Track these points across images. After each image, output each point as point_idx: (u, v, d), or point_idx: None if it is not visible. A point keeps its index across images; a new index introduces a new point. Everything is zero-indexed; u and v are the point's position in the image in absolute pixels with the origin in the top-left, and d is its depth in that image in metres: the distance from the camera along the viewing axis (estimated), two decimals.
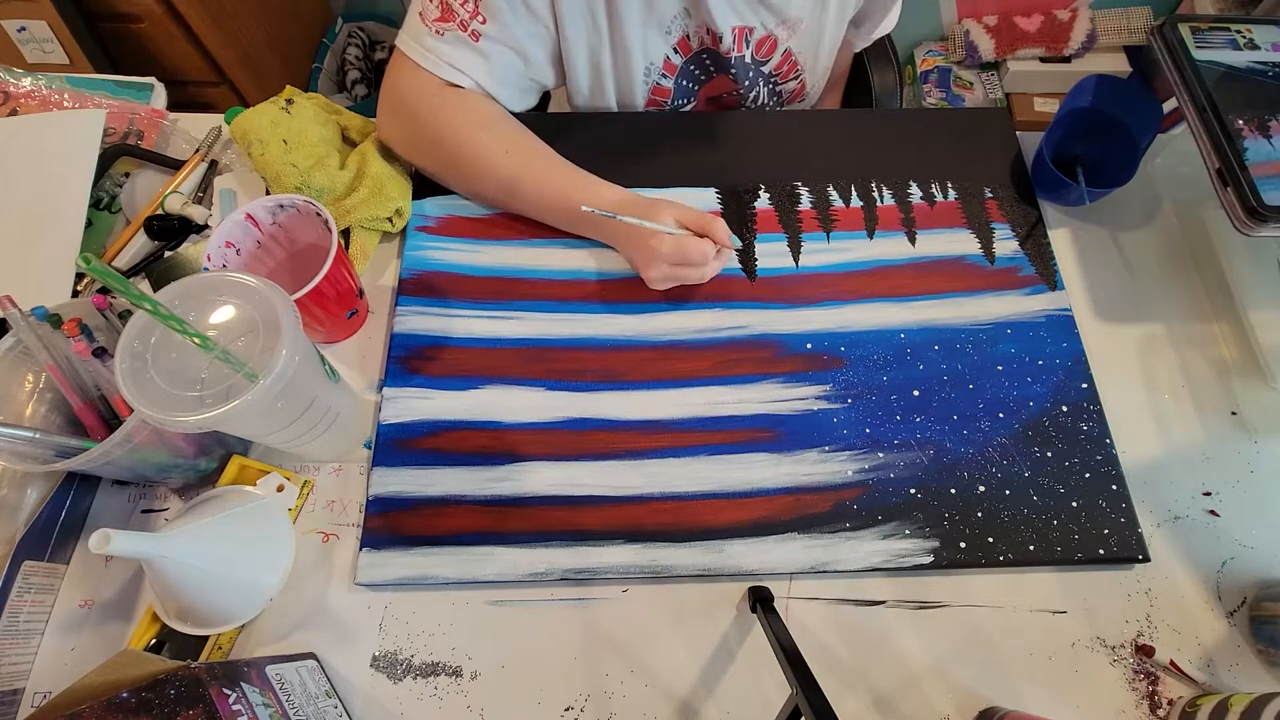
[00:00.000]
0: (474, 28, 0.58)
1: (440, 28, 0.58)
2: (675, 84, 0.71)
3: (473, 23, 0.57)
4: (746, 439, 0.54)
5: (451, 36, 0.58)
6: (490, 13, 0.57)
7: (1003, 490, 0.53)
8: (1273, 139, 0.53)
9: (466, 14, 0.57)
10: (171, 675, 0.36)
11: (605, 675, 0.48)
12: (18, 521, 0.46)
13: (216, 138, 0.68)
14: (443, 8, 0.57)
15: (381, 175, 0.61)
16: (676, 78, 0.70)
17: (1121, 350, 0.60)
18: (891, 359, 0.58)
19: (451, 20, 0.57)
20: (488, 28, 0.58)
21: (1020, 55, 1.51)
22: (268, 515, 0.49)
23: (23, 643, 0.47)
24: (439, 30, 0.58)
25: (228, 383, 0.39)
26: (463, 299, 0.59)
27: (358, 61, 1.58)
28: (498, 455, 0.53)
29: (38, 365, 0.47)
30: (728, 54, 0.68)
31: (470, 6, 0.57)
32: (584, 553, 0.50)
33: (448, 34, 0.58)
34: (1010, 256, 0.62)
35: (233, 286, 0.41)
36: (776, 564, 0.50)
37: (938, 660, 0.49)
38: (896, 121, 0.71)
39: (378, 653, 0.49)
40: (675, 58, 0.68)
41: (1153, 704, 0.48)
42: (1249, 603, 0.51)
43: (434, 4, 0.58)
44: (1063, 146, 0.65)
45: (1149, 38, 0.59)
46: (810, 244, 0.63)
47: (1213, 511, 0.54)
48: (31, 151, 0.63)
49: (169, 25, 1.19)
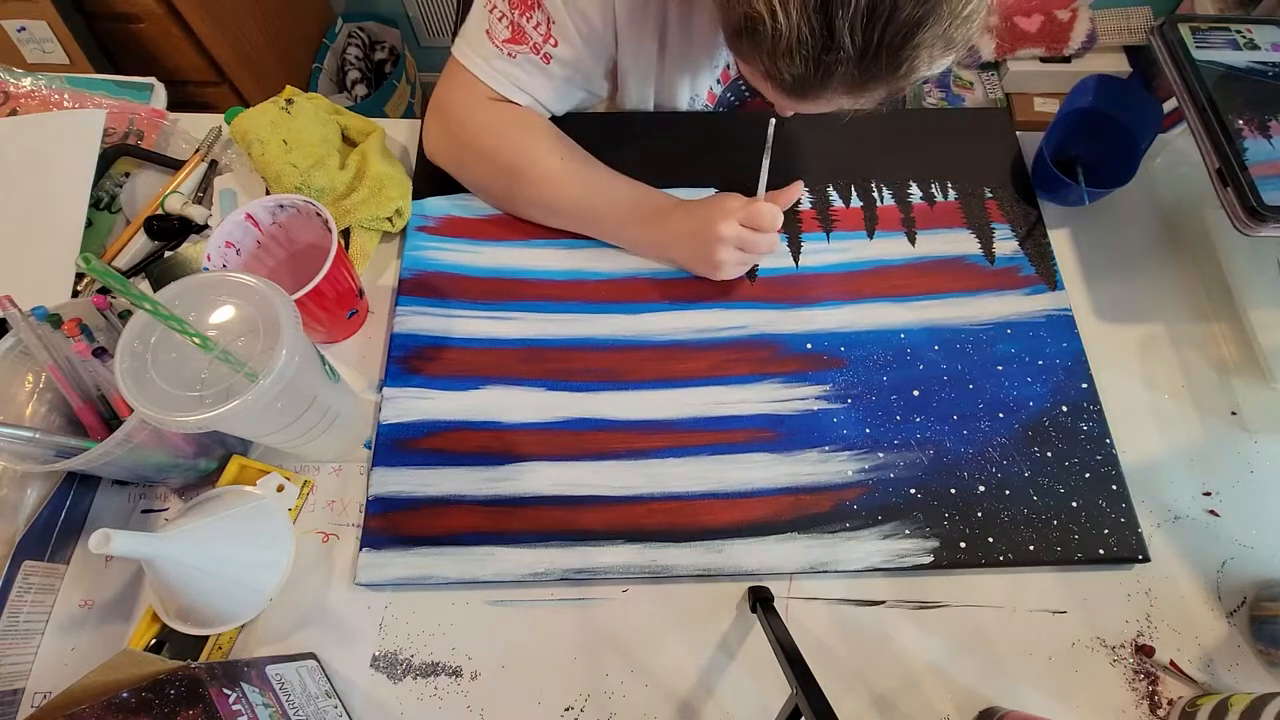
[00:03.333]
0: (546, 50, 0.57)
1: (513, 50, 0.57)
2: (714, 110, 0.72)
3: (545, 45, 0.56)
4: (746, 439, 0.54)
5: (524, 59, 0.57)
6: (563, 36, 0.56)
7: (1003, 490, 0.53)
8: (1273, 139, 0.53)
9: (540, 37, 0.56)
10: (171, 675, 0.36)
11: (605, 675, 0.48)
12: (18, 521, 0.46)
13: (216, 138, 0.67)
14: (514, 29, 0.56)
15: (381, 175, 0.61)
16: (715, 105, 0.71)
17: (1121, 350, 0.60)
18: (891, 359, 0.58)
19: (524, 43, 0.56)
20: (559, 50, 0.57)
21: (1020, 55, 1.51)
22: (268, 515, 0.49)
23: (23, 643, 0.47)
24: (510, 53, 0.57)
25: (228, 383, 0.38)
26: (462, 299, 0.59)
27: (358, 61, 1.58)
28: (498, 455, 0.53)
29: (38, 365, 0.47)
30: None
31: (543, 30, 0.56)
32: (584, 553, 0.50)
33: (520, 56, 0.57)
34: (1010, 256, 0.62)
35: (233, 286, 0.41)
36: (776, 564, 0.50)
37: (938, 660, 0.49)
38: (896, 121, 0.71)
39: (378, 653, 0.49)
40: (717, 88, 0.69)
41: (1153, 704, 0.48)
42: (1249, 603, 0.51)
43: (503, 24, 0.56)
44: (1063, 146, 0.65)
45: (1149, 38, 0.59)
46: (810, 244, 0.63)
47: (1213, 511, 0.54)
48: (31, 151, 0.63)
49: (169, 25, 1.19)
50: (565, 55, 0.57)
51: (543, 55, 0.57)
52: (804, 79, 0.42)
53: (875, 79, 0.41)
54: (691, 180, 0.65)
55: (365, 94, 1.57)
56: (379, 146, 0.64)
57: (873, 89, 0.43)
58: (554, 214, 0.61)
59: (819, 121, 0.70)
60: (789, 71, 0.41)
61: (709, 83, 0.68)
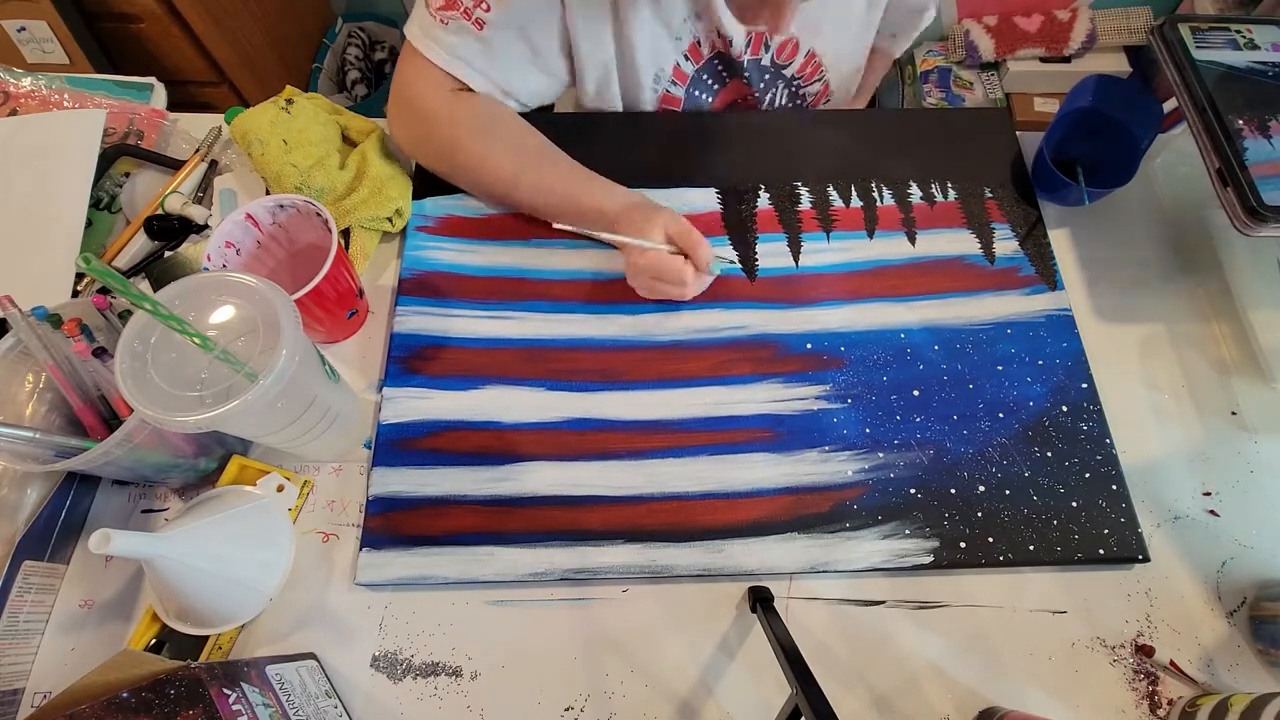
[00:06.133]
0: (478, 15, 0.56)
1: (445, 16, 0.56)
2: (687, 93, 0.70)
3: (476, 10, 0.56)
4: (746, 439, 0.54)
5: (455, 25, 0.56)
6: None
7: (1003, 490, 0.53)
8: (1273, 139, 0.53)
9: (470, 1, 0.56)
10: (171, 675, 0.36)
11: (605, 675, 0.48)
12: (18, 521, 0.46)
13: (216, 138, 0.67)
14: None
15: (381, 175, 0.61)
16: (689, 87, 0.69)
17: (1121, 350, 0.60)
18: (891, 359, 0.58)
19: (455, 9, 0.56)
20: (492, 15, 0.56)
21: (1020, 55, 1.51)
22: (268, 515, 0.49)
23: (23, 643, 0.47)
24: (443, 19, 0.56)
25: (228, 383, 0.38)
26: (462, 299, 0.59)
27: (358, 61, 1.58)
28: (497, 455, 0.53)
29: (38, 365, 0.47)
30: (739, 57, 0.67)
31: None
32: (584, 553, 0.50)
33: (452, 23, 0.56)
34: (1010, 256, 0.62)
35: (233, 286, 0.41)
36: (776, 564, 0.50)
37: (938, 660, 0.49)
38: (896, 121, 0.71)
39: (378, 653, 0.49)
40: (687, 65, 0.67)
41: (1153, 704, 0.48)
42: (1249, 603, 0.51)
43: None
44: (1063, 146, 0.65)
45: (1149, 38, 0.59)
46: (810, 244, 0.63)
47: (1213, 511, 0.54)
48: (31, 151, 0.63)
49: (169, 25, 1.19)
50: (498, 19, 0.56)
51: (475, 20, 0.56)
52: None
53: None
54: (692, 180, 0.65)
55: (365, 94, 1.57)
56: (379, 146, 0.64)
57: None
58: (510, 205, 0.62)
59: (819, 121, 0.70)
60: None
61: (673, 57, 0.66)
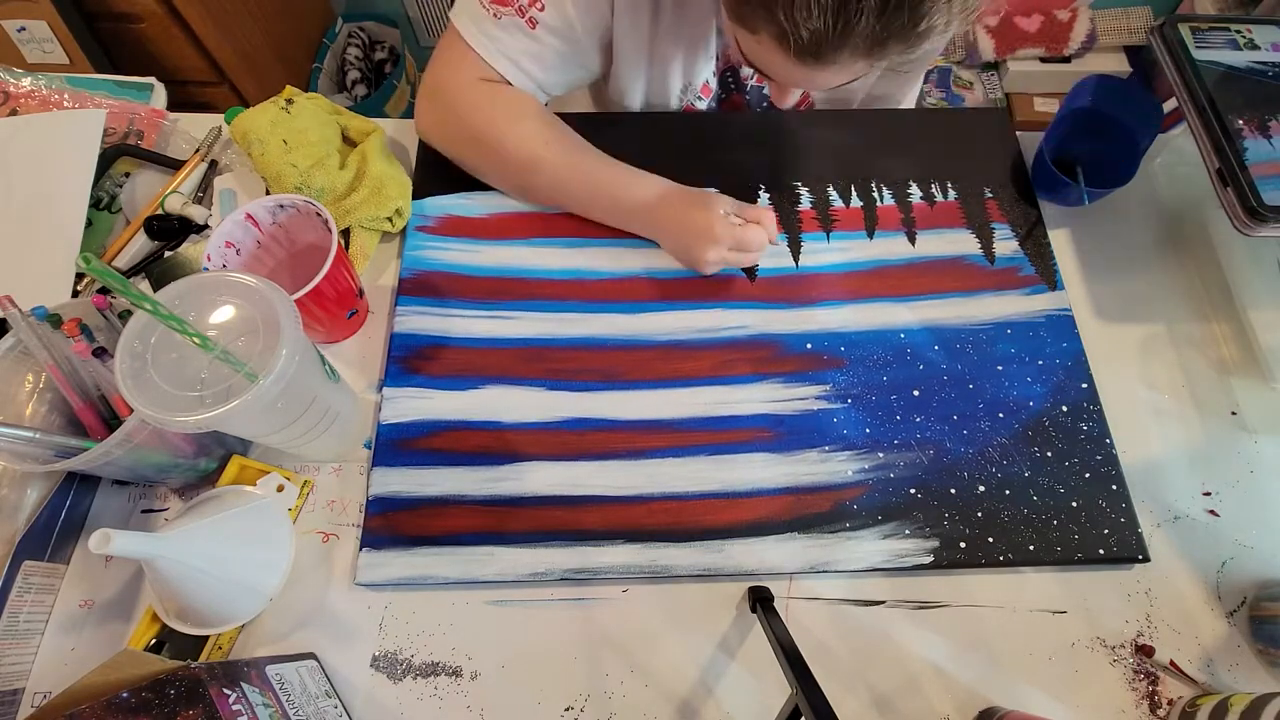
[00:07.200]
0: (532, 14, 0.56)
1: (499, 11, 0.56)
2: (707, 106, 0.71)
3: (531, 9, 0.56)
4: (746, 439, 0.54)
5: (508, 22, 0.57)
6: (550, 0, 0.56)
7: (1003, 490, 0.53)
8: (1273, 139, 0.53)
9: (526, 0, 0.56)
10: (171, 675, 0.36)
11: (605, 675, 0.48)
12: (18, 521, 0.46)
13: (216, 138, 0.67)
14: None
15: (381, 175, 0.61)
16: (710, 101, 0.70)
17: (1121, 350, 0.60)
18: (891, 359, 0.58)
19: (510, 5, 0.56)
20: (545, 15, 0.57)
21: (1020, 55, 1.51)
22: (268, 515, 0.49)
23: (23, 643, 0.47)
24: (496, 14, 0.57)
25: (228, 383, 0.38)
26: (462, 299, 0.59)
27: (358, 61, 1.58)
28: (497, 455, 0.53)
29: (38, 365, 0.47)
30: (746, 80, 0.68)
31: None
32: (584, 553, 0.50)
33: (505, 18, 0.57)
34: (1010, 256, 0.62)
35: (233, 286, 0.41)
36: (776, 564, 0.50)
37: (938, 660, 0.49)
38: (896, 121, 0.71)
39: (378, 653, 0.49)
40: (714, 81, 0.68)
41: (1153, 704, 0.48)
42: (1249, 603, 0.51)
43: None
44: (1063, 146, 0.65)
45: (1149, 38, 0.59)
46: (810, 244, 0.63)
47: (1212, 511, 0.54)
48: (31, 151, 0.63)
49: (169, 25, 1.19)
50: (552, 21, 0.57)
51: (528, 19, 0.57)
52: (821, 35, 0.40)
53: (894, 34, 0.40)
54: (692, 180, 0.65)
55: (365, 94, 1.57)
56: (379, 146, 0.64)
57: (890, 47, 0.41)
58: (540, 197, 0.62)
59: (819, 121, 0.70)
60: (806, 26, 0.39)
61: (704, 73, 0.67)
